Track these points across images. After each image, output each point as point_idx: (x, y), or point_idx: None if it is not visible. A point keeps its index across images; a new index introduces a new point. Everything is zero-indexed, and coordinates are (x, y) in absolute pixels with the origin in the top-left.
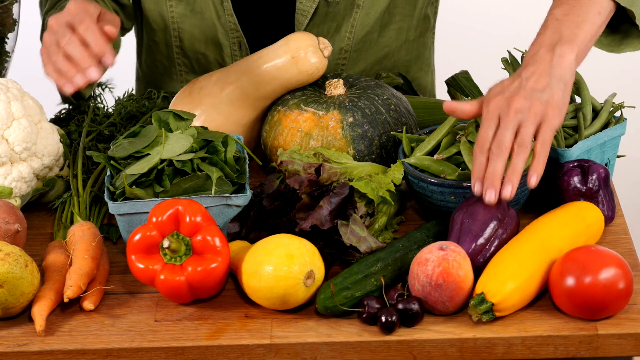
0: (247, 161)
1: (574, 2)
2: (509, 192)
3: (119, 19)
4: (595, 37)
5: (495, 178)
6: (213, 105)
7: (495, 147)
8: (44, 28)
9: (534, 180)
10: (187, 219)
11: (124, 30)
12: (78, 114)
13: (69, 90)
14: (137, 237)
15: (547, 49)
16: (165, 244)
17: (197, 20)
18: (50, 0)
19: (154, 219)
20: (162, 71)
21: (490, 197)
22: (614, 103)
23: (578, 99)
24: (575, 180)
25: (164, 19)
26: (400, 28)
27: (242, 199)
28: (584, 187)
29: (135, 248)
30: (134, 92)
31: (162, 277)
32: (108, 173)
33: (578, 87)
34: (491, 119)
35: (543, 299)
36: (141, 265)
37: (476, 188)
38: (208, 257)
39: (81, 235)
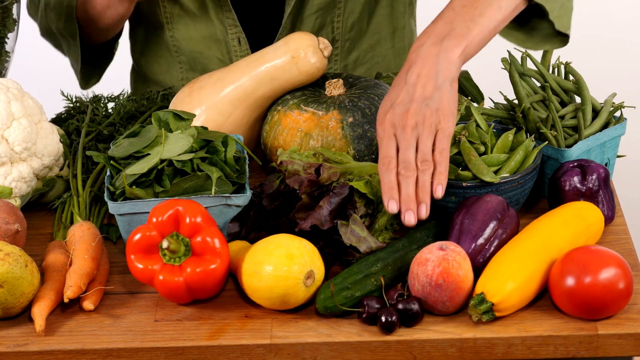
0: (247, 161)
1: None
2: (424, 212)
3: None
4: (493, 32)
5: (411, 200)
6: (213, 105)
7: (404, 168)
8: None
9: (439, 191)
10: (187, 220)
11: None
12: (78, 113)
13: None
14: (137, 237)
15: (434, 42)
16: (165, 244)
17: (192, 19)
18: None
19: (154, 219)
20: (164, 69)
21: (410, 219)
22: (614, 103)
23: (578, 99)
24: (575, 180)
25: (159, 20)
26: (387, 14)
27: (242, 199)
28: (584, 187)
29: (135, 248)
30: (129, 87)
31: (160, 277)
32: (108, 173)
33: (578, 87)
34: (389, 137)
35: (543, 299)
36: (140, 266)
37: (391, 207)
38: (207, 258)
39: (81, 236)
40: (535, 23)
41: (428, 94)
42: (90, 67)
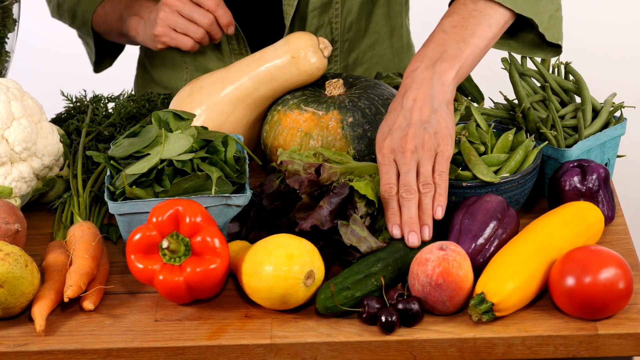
0: (247, 161)
1: (465, 13)
2: (427, 233)
3: None
4: (484, 50)
5: (414, 222)
6: (213, 105)
7: (405, 192)
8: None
9: (439, 212)
10: (187, 220)
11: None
12: (78, 113)
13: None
14: (137, 236)
15: (427, 66)
16: (165, 244)
17: None
18: (68, 13)
19: (154, 219)
20: (170, 70)
21: (414, 240)
22: (614, 103)
23: (578, 99)
24: (575, 180)
25: None
26: (385, 13)
27: (242, 199)
28: (584, 187)
29: (135, 248)
30: (133, 86)
31: (160, 277)
32: (108, 173)
33: (578, 87)
34: (388, 163)
35: (543, 299)
36: (140, 265)
37: (395, 232)
38: (207, 258)
39: (81, 235)
40: (525, 34)
41: (425, 118)
42: (103, 54)
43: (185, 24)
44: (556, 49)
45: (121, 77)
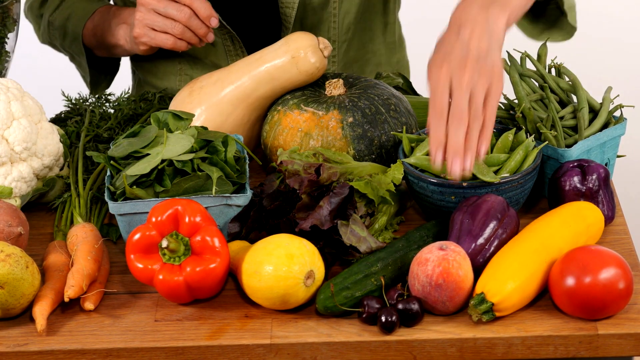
0: (247, 161)
1: None
2: (468, 164)
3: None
4: (525, 8)
5: (460, 148)
6: (213, 105)
7: (456, 118)
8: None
9: (483, 149)
10: (187, 219)
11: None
12: (77, 115)
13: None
14: (137, 236)
15: (481, 7)
16: (164, 244)
17: None
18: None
19: (154, 219)
20: (162, 70)
21: (456, 168)
22: (611, 99)
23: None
24: (575, 180)
25: None
26: (380, 11)
27: (242, 199)
28: (584, 187)
29: (135, 247)
30: (129, 89)
31: (160, 277)
32: (108, 173)
33: (574, 87)
34: (444, 85)
35: (543, 299)
36: (140, 265)
37: (438, 156)
38: (207, 257)
39: (84, 237)
40: (551, 12)
41: (483, 53)
42: (98, 73)
43: (163, 21)
44: (569, 31)
45: (121, 76)
